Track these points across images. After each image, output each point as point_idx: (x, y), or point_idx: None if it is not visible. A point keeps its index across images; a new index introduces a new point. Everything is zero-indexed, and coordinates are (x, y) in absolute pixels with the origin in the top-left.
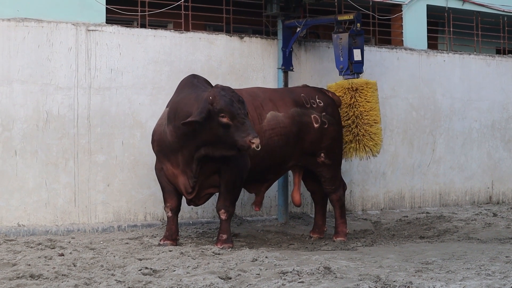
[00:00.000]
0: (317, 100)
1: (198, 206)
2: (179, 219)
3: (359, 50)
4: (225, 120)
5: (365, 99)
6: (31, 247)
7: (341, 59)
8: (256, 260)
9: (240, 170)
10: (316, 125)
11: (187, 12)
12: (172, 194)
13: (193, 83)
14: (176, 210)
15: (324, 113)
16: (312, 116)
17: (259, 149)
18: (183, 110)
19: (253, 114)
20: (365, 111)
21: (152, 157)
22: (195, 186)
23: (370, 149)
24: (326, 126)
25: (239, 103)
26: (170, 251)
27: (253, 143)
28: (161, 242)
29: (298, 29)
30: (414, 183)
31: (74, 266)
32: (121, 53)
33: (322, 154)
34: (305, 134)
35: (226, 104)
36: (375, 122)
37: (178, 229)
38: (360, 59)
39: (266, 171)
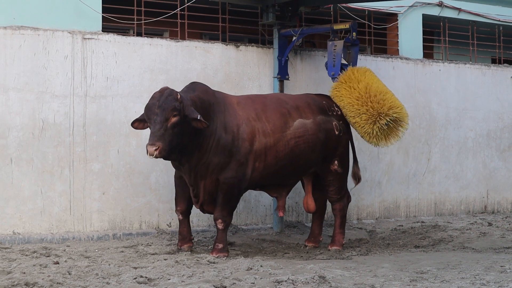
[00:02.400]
0: (336, 108)
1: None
2: (175, 227)
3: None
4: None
5: (367, 82)
6: (26, 255)
7: (334, 66)
8: (251, 269)
9: (238, 180)
10: (336, 133)
11: (183, 21)
12: (182, 198)
13: (184, 88)
14: (186, 213)
15: (341, 121)
16: (333, 123)
17: (151, 157)
18: None
19: (277, 121)
20: (373, 88)
21: (147, 166)
22: (198, 195)
23: (397, 118)
24: (341, 134)
25: (157, 108)
26: (165, 259)
27: (147, 150)
28: (180, 247)
29: (294, 38)
30: (409, 192)
31: (69, 274)
32: (117, 61)
33: (336, 162)
34: (328, 141)
35: (145, 109)
36: (386, 94)
37: (191, 231)
38: (346, 63)
39: (288, 176)
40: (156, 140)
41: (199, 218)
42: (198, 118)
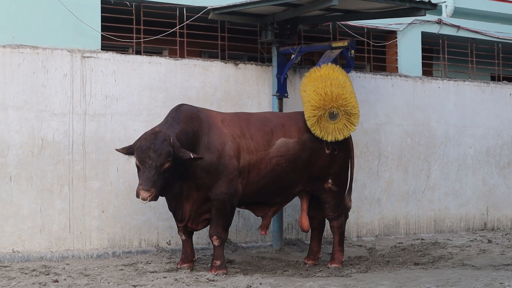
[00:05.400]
0: None
1: (198, 231)
2: (175, 245)
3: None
4: (136, 162)
5: (331, 77)
6: (26, 273)
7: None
8: (250, 286)
9: (230, 196)
10: (327, 151)
11: (182, 39)
12: None
13: (169, 116)
14: (189, 232)
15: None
16: (324, 142)
17: (143, 202)
18: None
19: (259, 140)
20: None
21: None
22: (183, 217)
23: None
24: (336, 152)
25: (152, 152)
26: (164, 277)
27: (139, 194)
28: (179, 266)
29: (293, 55)
30: (409, 210)
31: None
32: (116, 79)
33: (330, 180)
34: (316, 159)
35: (137, 148)
36: (342, 88)
37: (194, 251)
38: None
39: (272, 195)
40: (150, 186)
41: (198, 236)
42: (192, 156)
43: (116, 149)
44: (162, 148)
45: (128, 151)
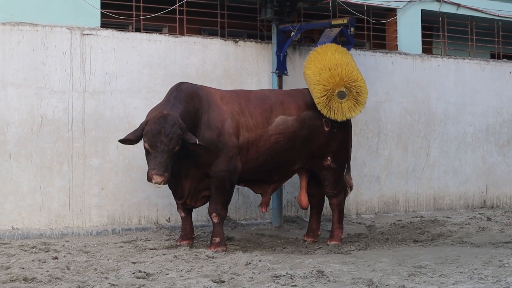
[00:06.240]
0: None
1: (197, 208)
2: (174, 222)
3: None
4: (146, 145)
5: (336, 56)
6: (25, 250)
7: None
8: (249, 263)
9: (229, 173)
10: (326, 129)
11: (182, 17)
12: None
13: (171, 95)
14: (188, 209)
15: None
16: (323, 119)
17: (158, 187)
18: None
19: (258, 117)
20: (338, 62)
21: (145, 161)
22: (182, 195)
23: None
24: (335, 130)
25: (163, 136)
26: (164, 254)
27: (152, 179)
28: (178, 243)
29: (292, 33)
30: (409, 187)
31: (68, 269)
32: (116, 57)
33: (329, 158)
34: (315, 137)
35: (147, 132)
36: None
37: (193, 228)
38: None
39: (271, 172)
40: (164, 170)
41: (198, 214)
42: (197, 143)
43: (122, 140)
44: (173, 132)
45: (136, 136)
